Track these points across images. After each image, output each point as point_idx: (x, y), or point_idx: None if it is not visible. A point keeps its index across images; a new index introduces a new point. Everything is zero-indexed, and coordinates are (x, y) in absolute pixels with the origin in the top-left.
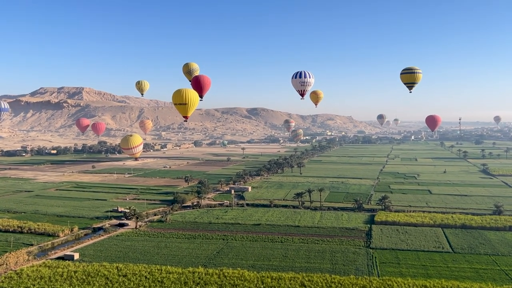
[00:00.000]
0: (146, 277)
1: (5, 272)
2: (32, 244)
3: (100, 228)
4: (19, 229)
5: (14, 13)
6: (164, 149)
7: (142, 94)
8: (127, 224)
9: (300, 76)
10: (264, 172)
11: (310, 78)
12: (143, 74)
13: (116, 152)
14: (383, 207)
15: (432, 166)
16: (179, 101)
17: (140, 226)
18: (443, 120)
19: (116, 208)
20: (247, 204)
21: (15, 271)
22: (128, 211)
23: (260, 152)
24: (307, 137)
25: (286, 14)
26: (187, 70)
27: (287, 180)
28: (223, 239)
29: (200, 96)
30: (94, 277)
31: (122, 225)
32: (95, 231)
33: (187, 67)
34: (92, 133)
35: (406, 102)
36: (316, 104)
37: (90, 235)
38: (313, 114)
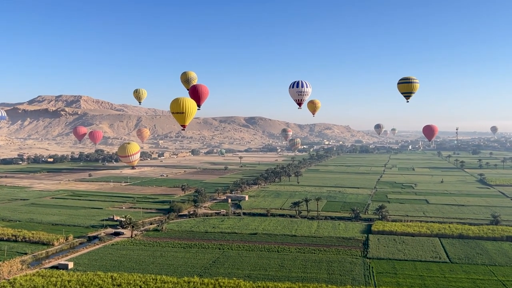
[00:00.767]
0: (140, 286)
1: None
2: (26, 253)
3: (95, 237)
4: (13, 237)
5: (12, 21)
6: (162, 157)
7: (140, 103)
8: (122, 233)
9: (298, 86)
10: (261, 181)
11: (307, 87)
12: (142, 82)
13: (113, 161)
14: (380, 216)
15: (429, 176)
16: (177, 110)
17: (135, 235)
18: (440, 130)
19: (112, 216)
20: (244, 213)
21: (8, 280)
22: (124, 220)
23: (258, 161)
24: (304, 146)
25: (284, 24)
26: (185, 79)
27: (284, 189)
28: (219, 249)
29: (198, 105)
30: (88, 286)
31: (117, 234)
32: (90, 240)
33: (185, 76)
34: (89, 141)
35: (404, 112)
36: (313, 114)
37: (85, 244)
38: (310, 123)
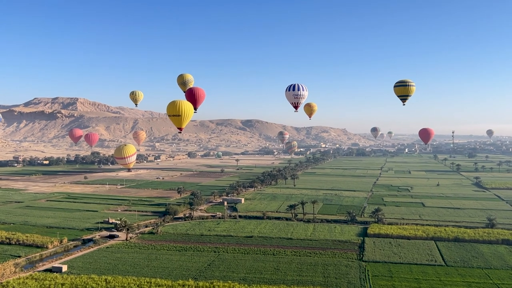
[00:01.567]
0: None
1: None
2: (19, 256)
3: (90, 240)
4: (7, 240)
5: (8, 23)
6: (158, 160)
7: (136, 105)
8: (117, 236)
9: (294, 89)
10: (257, 184)
11: (303, 91)
12: (138, 85)
13: (109, 163)
14: (376, 219)
15: (426, 179)
16: (174, 112)
17: (130, 238)
18: (437, 134)
19: (107, 219)
20: (240, 216)
21: (1, 283)
22: (119, 222)
23: (254, 163)
24: (301, 149)
25: (281, 27)
26: (182, 81)
27: (280, 192)
28: (215, 251)
29: (194, 108)
30: None
31: (112, 236)
32: (85, 243)
33: (182, 78)
34: (85, 144)
35: (400, 115)
36: (310, 117)
37: (80, 247)
38: (307, 126)
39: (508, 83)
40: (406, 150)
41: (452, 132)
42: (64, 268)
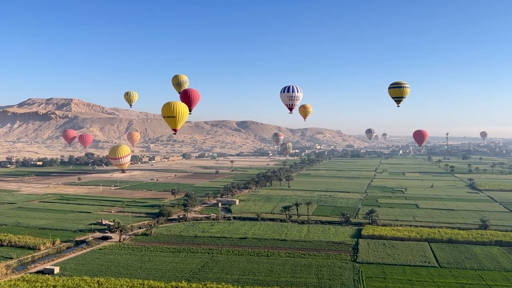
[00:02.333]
0: None
1: None
2: (11, 258)
3: (83, 241)
4: None
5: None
6: (152, 161)
7: (131, 105)
8: (110, 237)
9: (289, 91)
10: (252, 185)
11: (298, 92)
12: (133, 86)
13: (103, 164)
14: (370, 221)
15: (420, 181)
16: (168, 114)
17: (124, 239)
18: (431, 135)
19: (100, 220)
20: (234, 217)
21: None
22: (112, 224)
23: (249, 165)
24: (296, 150)
25: (276, 28)
26: (177, 82)
27: (275, 193)
28: (208, 253)
29: (189, 109)
30: None
31: (105, 238)
32: (78, 244)
33: (177, 79)
34: (79, 145)
35: (394, 117)
36: (305, 118)
37: (72, 248)
38: (302, 127)
39: (502, 85)
40: (401, 152)
41: (446, 134)
42: (56, 269)
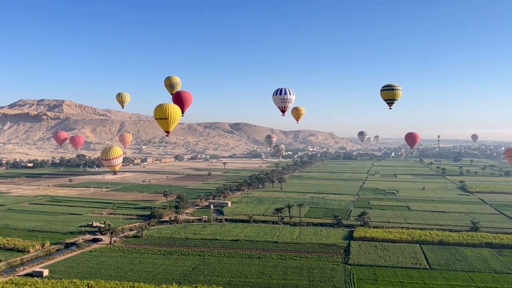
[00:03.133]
0: None
1: None
2: (0, 260)
3: (73, 244)
4: None
5: None
6: (144, 163)
7: (123, 106)
8: (101, 240)
9: (281, 93)
10: (244, 187)
11: (291, 95)
12: (126, 87)
13: (94, 166)
14: (362, 223)
15: (411, 183)
16: (161, 115)
17: (114, 242)
18: (423, 138)
19: (91, 223)
20: (226, 220)
21: None
22: (103, 226)
23: (242, 167)
24: (289, 152)
25: (269, 31)
26: (169, 84)
27: (267, 195)
28: (200, 255)
29: (182, 111)
30: None
31: (96, 240)
32: (68, 247)
33: (169, 81)
34: (71, 146)
35: (387, 119)
36: (297, 120)
37: (62, 251)
38: (295, 130)
39: (493, 88)
40: (393, 154)
41: (438, 137)
42: (45, 272)
